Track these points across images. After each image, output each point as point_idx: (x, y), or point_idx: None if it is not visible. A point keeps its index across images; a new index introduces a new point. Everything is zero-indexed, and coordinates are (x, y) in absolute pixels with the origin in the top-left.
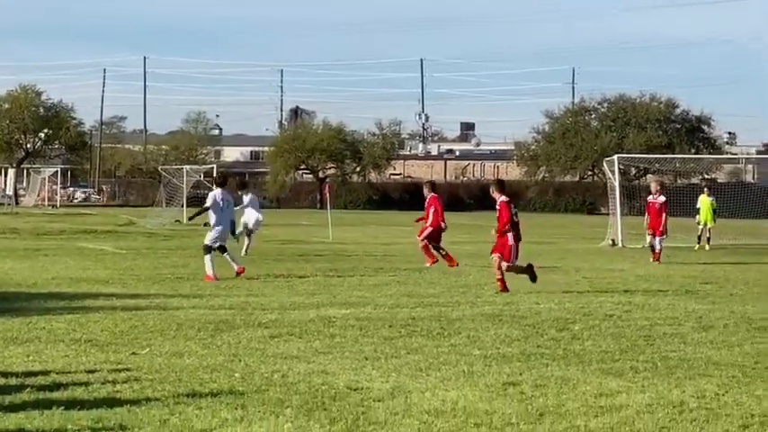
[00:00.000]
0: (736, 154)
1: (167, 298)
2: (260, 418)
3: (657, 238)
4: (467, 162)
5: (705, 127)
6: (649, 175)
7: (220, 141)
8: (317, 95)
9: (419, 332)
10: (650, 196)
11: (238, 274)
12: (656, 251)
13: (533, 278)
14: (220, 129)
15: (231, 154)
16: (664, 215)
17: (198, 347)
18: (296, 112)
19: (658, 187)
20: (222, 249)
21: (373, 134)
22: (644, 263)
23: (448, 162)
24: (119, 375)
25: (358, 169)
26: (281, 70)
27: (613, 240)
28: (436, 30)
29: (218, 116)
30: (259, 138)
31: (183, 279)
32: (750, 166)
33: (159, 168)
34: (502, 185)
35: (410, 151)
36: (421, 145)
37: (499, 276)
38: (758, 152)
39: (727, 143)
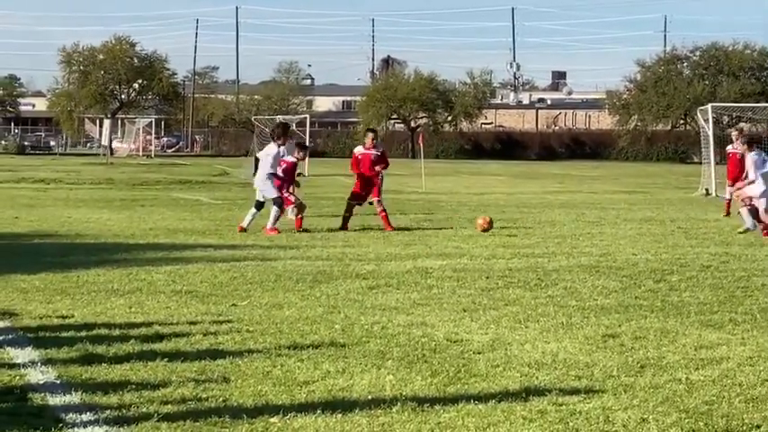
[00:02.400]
0: None
1: (264, 249)
2: (361, 371)
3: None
4: (558, 111)
5: None
6: (741, 124)
7: (312, 91)
8: (409, 45)
9: (516, 283)
10: (730, 146)
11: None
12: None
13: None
14: (312, 79)
15: (323, 104)
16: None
17: (297, 299)
18: (387, 62)
19: (739, 136)
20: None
21: (465, 83)
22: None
23: (539, 111)
24: (220, 327)
25: (449, 119)
26: (372, 20)
27: (707, 190)
28: None
29: (309, 66)
30: (351, 87)
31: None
32: None
33: (252, 118)
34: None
35: (501, 100)
36: (512, 94)
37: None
38: None
39: None
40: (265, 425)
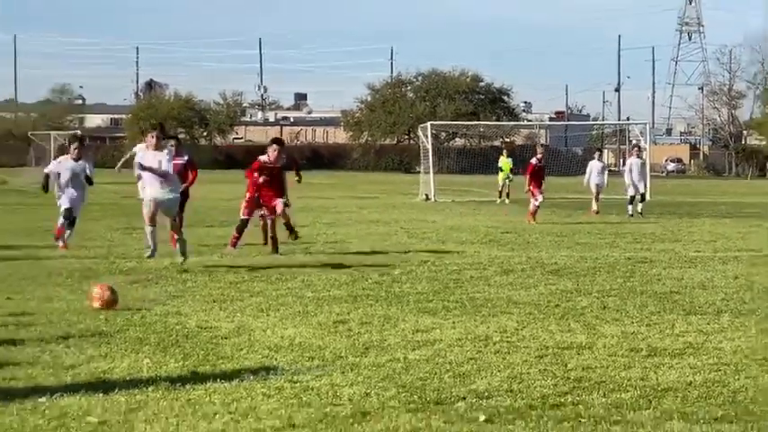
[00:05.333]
0: (531, 121)
1: (38, 249)
2: (122, 355)
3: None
4: (300, 128)
5: (505, 97)
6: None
7: (84, 109)
8: (169, 69)
9: (260, 277)
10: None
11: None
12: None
13: None
14: (84, 99)
15: (94, 121)
16: None
17: (66, 292)
18: (150, 85)
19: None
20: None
21: (218, 103)
22: (452, 215)
23: (284, 128)
24: None
25: (205, 134)
26: (137, 47)
27: (426, 195)
28: (271, 9)
29: (81, 87)
30: (118, 107)
31: (51, 232)
32: (543, 131)
33: (29, 134)
34: None
35: (251, 118)
36: (260, 113)
37: None
38: (550, 119)
39: (524, 111)
40: (34, 405)
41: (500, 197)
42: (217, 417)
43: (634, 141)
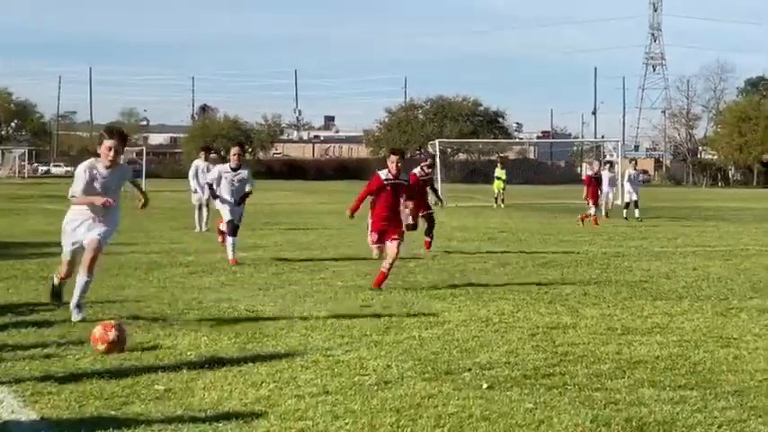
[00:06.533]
0: (522, 138)
1: (111, 245)
2: (183, 334)
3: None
4: (329, 145)
5: (500, 119)
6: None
7: (148, 130)
8: (219, 95)
9: (297, 269)
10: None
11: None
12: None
13: None
14: (148, 120)
15: (156, 139)
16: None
17: (135, 281)
18: (203, 108)
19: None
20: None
21: (260, 124)
22: (457, 217)
23: (315, 145)
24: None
25: (250, 150)
26: (193, 77)
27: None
28: (305, 45)
29: (145, 111)
30: (177, 127)
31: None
32: (532, 148)
33: None
34: None
35: (287, 137)
36: (295, 132)
37: None
38: (537, 137)
39: (516, 130)
40: (109, 375)
41: (496, 203)
42: (263, 385)
43: (608, 157)
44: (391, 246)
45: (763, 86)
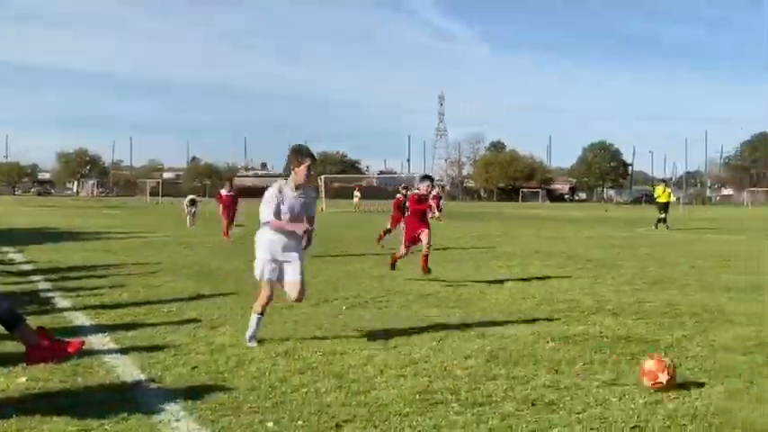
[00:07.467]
0: (369, 174)
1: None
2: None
3: None
4: None
5: (357, 164)
6: None
7: (164, 169)
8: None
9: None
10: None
11: None
12: None
13: None
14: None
15: (167, 175)
16: None
17: (192, 282)
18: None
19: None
20: None
21: None
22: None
23: None
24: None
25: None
26: None
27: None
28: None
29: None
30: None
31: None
32: (375, 180)
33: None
34: None
35: None
36: None
37: None
38: (378, 173)
39: (365, 170)
40: (176, 353)
41: (355, 210)
42: (304, 361)
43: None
44: None
45: (499, 146)
